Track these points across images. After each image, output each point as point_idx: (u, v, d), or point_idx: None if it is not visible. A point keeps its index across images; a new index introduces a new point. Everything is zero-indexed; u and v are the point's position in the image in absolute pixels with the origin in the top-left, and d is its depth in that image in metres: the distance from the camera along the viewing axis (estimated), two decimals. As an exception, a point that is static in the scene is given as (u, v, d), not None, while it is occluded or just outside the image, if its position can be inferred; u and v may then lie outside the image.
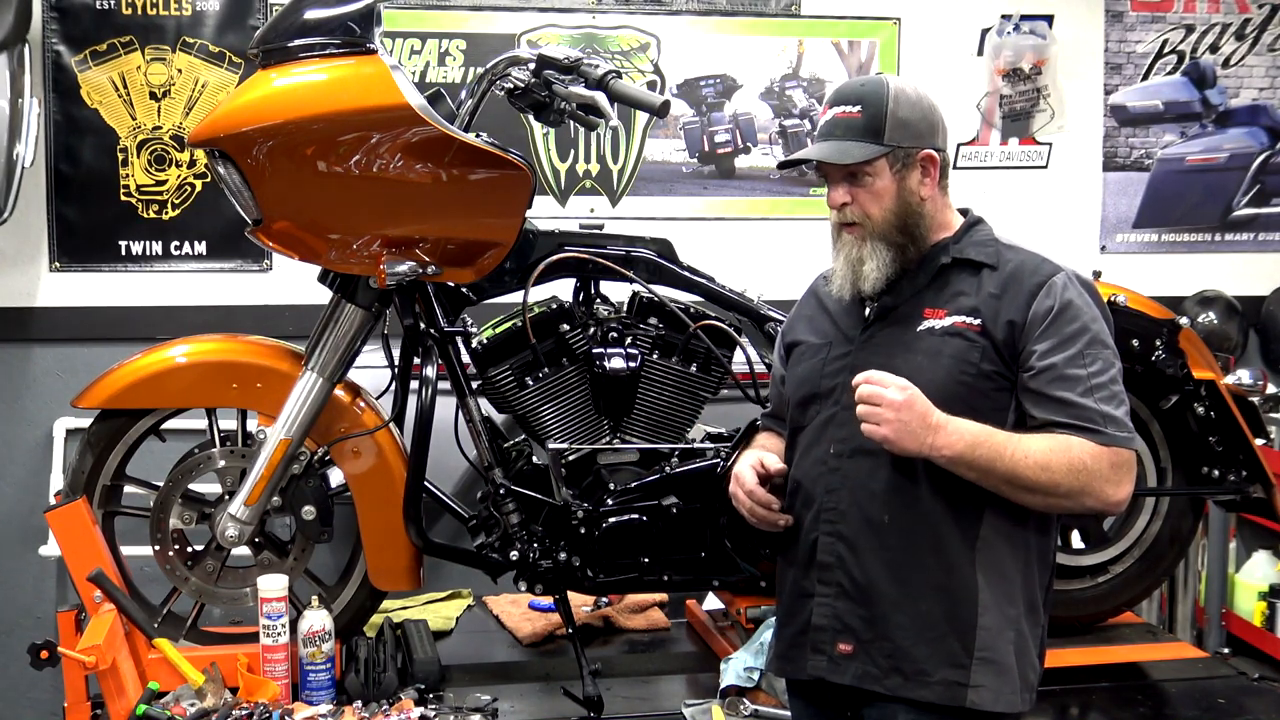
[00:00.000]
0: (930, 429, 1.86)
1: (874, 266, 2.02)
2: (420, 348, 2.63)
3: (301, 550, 2.70)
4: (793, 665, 2.07)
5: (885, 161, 2.00)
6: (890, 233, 2.02)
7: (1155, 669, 2.92)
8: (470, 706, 2.61)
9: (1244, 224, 4.47)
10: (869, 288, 2.03)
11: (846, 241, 2.05)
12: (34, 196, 3.71)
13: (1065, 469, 1.87)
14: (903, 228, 2.02)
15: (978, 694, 1.92)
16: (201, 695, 2.49)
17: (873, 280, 2.02)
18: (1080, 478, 1.88)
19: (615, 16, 4.04)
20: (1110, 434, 1.90)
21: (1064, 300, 1.94)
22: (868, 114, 2.00)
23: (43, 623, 3.67)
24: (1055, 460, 1.87)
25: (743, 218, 4.16)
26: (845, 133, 2.01)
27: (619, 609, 3.29)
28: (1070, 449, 1.88)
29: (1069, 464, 1.87)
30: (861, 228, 2.03)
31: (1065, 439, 1.89)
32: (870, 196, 2.01)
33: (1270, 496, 2.94)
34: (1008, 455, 1.86)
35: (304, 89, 2.36)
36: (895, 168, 2.01)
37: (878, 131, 1.99)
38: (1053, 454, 1.87)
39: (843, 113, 2.02)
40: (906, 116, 2.01)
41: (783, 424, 2.25)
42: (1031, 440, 1.89)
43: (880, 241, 2.02)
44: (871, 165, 2.00)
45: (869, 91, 2.02)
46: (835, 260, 2.08)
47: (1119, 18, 4.35)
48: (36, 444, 3.81)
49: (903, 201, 2.02)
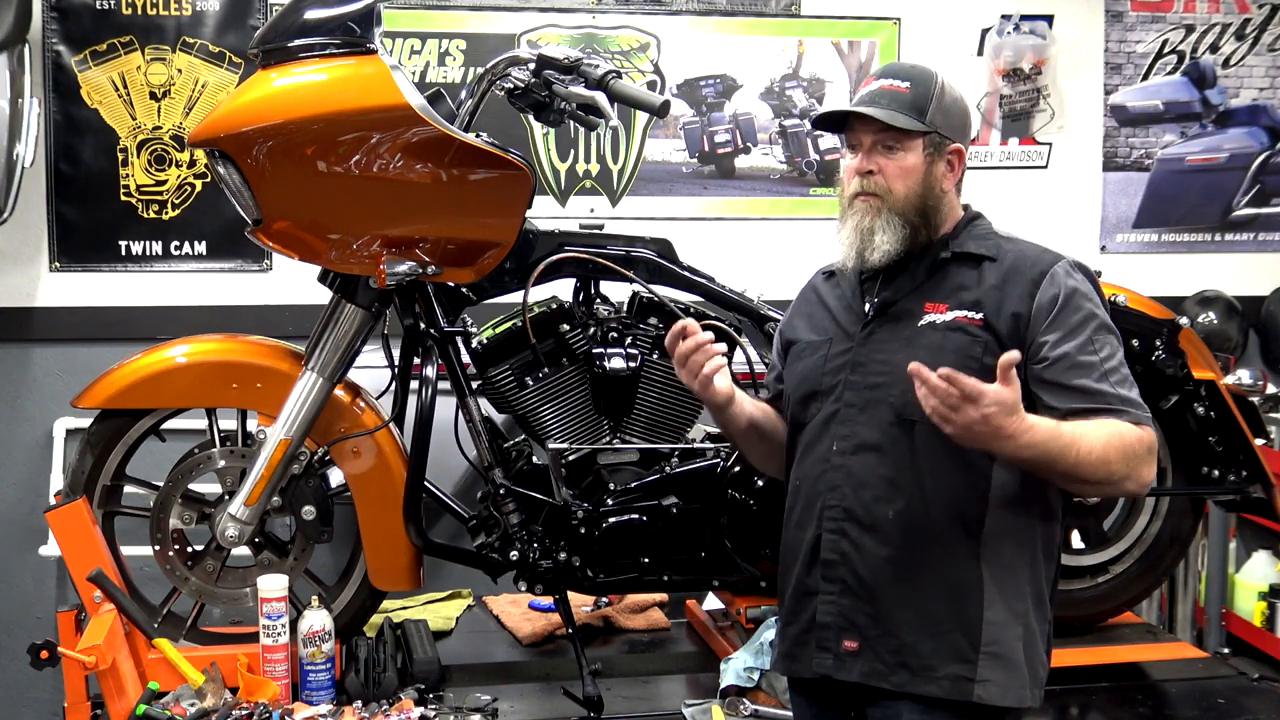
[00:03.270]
0: (1000, 439, 1.80)
1: (886, 239, 2.00)
2: (420, 348, 2.63)
3: (301, 550, 2.70)
4: (798, 664, 2.07)
5: (921, 141, 2.01)
6: (908, 211, 2.02)
7: (1155, 669, 2.92)
8: (470, 706, 2.62)
9: (1244, 224, 4.47)
10: (877, 258, 2.01)
11: (859, 209, 2.03)
12: (34, 196, 3.71)
13: (1120, 457, 1.87)
14: (921, 210, 2.03)
15: (985, 689, 1.92)
16: (201, 695, 2.49)
17: (882, 251, 2.01)
18: (1130, 464, 1.88)
19: (615, 16, 4.04)
20: (1137, 415, 1.92)
21: (1068, 288, 1.95)
22: (915, 92, 2.02)
23: (43, 623, 3.67)
24: (1113, 451, 1.86)
25: (743, 218, 4.16)
26: (890, 103, 2.01)
27: (619, 609, 3.29)
28: (1123, 436, 1.88)
29: (1123, 451, 1.87)
30: (880, 199, 2.01)
31: (1115, 426, 1.89)
32: (898, 171, 2.01)
33: (1270, 496, 2.94)
34: (1073, 453, 1.84)
35: (304, 89, 2.36)
36: (928, 150, 2.02)
37: (922, 111, 2.01)
38: (1110, 445, 1.86)
39: (890, 85, 2.03)
40: (949, 107, 2.04)
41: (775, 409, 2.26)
42: (1092, 433, 1.86)
43: (897, 216, 2.01)
44: (909, 140, 2.01)
45: (919, 74, 2.05)
46: (841, 230, 2.06)
47: (1119, 18, 4.35)
48: (36, 444, 3.81)
49: (927, 185, 2.02)
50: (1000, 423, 1.77)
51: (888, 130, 2.00)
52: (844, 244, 2.05)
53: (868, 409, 2.01)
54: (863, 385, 2.02)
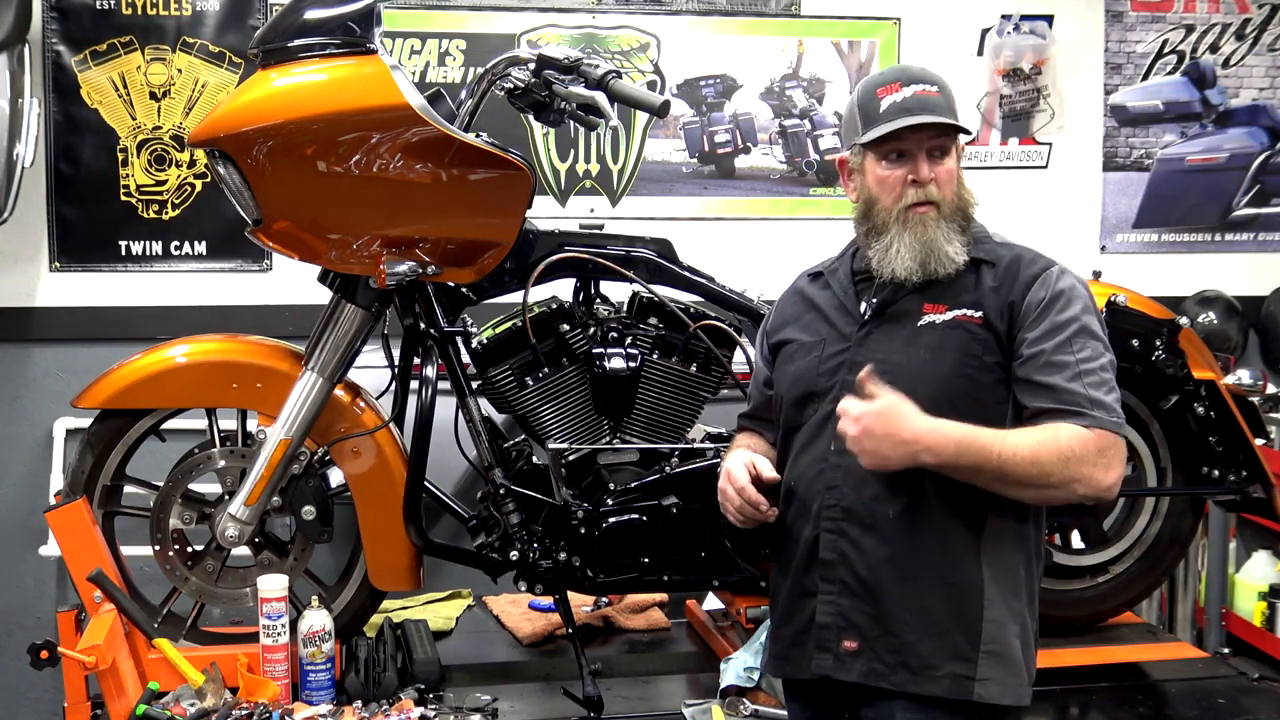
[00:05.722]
0: (905, 443, 1.83)
1: (955, 249, 1.99)
2: (420, 348, 2.63)
3: (301, 550, 2.70)
4: (794, 665, 2.07)
5: (955, 144, 2.02)
6: (957, 215, 2.02)
7: (1155, 669, 2.92)
8: (470, 706, 2.62)
9: (1244, 224, 4.47)
10: (949, 269, 1.99)
11: (917, 221, 1.99)
12: (34, 196, 3.71)
13: (1054, 459, 1.85)
14: (964, 212, 2.03)
15: (985, 687, 1.92)
16: (201, 695, 2.49)
17: (951, 264, 1.98)
18: (1070, 466, 1.85)
19: (615, 16, 4.04)
20: (1096, 417, 1.89)
21: (1056, 290, 1.95)
22: (945, 95, 2.02)
23: (43, 623, 3.67)
24: (1044, 452, 1.85)
25: (743, 218, 4.16)
26: (936, 108, 1.99)
27: (619, 609, 3.29)
28: (1059, 437, 1.86)
29: (1058, 453, 1.85)
30: (938, 208, 1.99)
31: (1053, 428, 1.88)
32: (948, 176, 2.01)
33: (1270, 496, 2.94)
34: (995, 453, 1.84)
35: (304, 89, 2.36)
36: (957, 153, 2.03)
37: (954, 113, 2.01)
38: (1041, 446, 1.85)
39: (924, 90, 2.00)
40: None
41: (762, 424, 2.26)
42: (1020, 435, 1.87)
43: (951, 223, 2.00)
44: (951, 144, 2.01)
45: (936, 77, 2.04)
46: (896, 242, 2.00)
47: (1119, 18, 4.35)
48: (36, 444, 3.81)
49: (961, 185, 2.03)
50: (886, 429, 1.83)
51: (939, 136, 1.99)
52: (902, 258, 1.99)
53: None
54: None
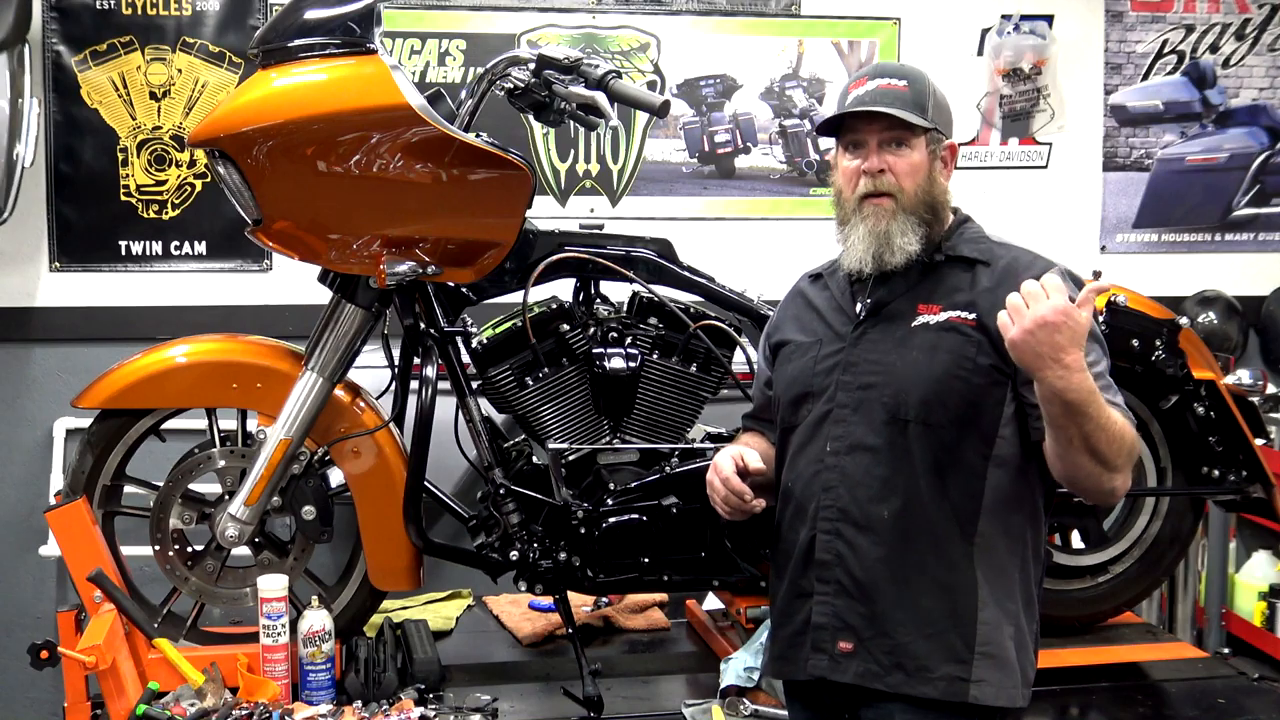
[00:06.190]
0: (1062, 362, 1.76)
1: (907, 240, 1.99)
2: (420, 348, 2.63)
3: (301, 550, 2.70)
4: (791, 666, 2.07)
5: (925, 138, 2.01)
6: (920, 209, 2.01)
7: (1155, 669, 2.92)
8: (470, 706, 2.61)
9: (1244, 224, 4.47)
10: (899, 260, 1.99)
11: (871, 213, 2.01)
12: (34, 196, 3.71)
13: (1129, 441, 1.88)
14: (931, 206, 2.02)
15: (979, 689, 1.92)
16: (201, 695, 2.49)
17: (904, 253, 1.99)
18: (1132, 454, 1.89)
19: (615, 16, 4.04)
20: None
21: None
22: (914, 90, 2.01)
23: (43, 623, 3.67)
24: (1128, 435, 1.87)
25: (743, 218, 4.16)
26: (895, 101, 1.99)
27: (619, 609, 3.29)
28: (1129, 430, 1.88)
29: (1129, 441, 1.88)
30: (894, 200, 2.00)
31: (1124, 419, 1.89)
32: (907, 169, 2.00)
33: (1270, 496, 2.94)
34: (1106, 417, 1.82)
35: (304, 89, 2.36)
36: (930, 148, 2.02)
37: (922, 108, 2.01)
38: (1125, 429, 1.86)
39: (888, 84, 2.01)
40: (941, 104, 2.06)
41: (765, 424, 2.26)
42: (1113, 411, 1.86)
43: (911, 216, 2.00)
44: (914, 137, 2.00)
45: (912, 72, 2.05)
46: (852, 234, 2.03)
47: (1119, 18, 4.35)
48: (36, 444, 3.81)
49: (931, 181, 2.03)
50: (1067, 341, 1.76)
51: (895, 128, 1.99)
52: (856, 248, 2.02)
53: (860, 409, 2.01)
54: (855, 386, 2.02)
